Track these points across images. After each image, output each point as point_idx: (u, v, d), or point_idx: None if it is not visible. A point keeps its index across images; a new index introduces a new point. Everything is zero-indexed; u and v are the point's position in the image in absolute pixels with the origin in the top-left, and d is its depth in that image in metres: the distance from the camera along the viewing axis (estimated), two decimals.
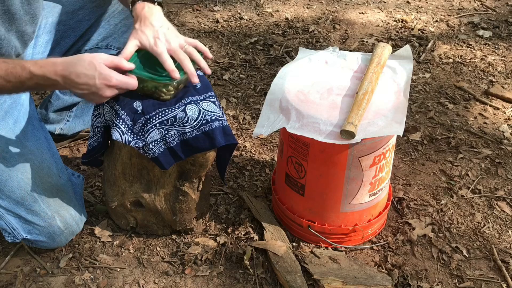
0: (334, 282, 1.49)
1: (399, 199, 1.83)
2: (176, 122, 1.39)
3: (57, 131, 1.94)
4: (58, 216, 1.52)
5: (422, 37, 2.78)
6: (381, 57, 1.60)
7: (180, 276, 1.56)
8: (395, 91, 1.53)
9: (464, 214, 1.79)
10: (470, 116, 2.24)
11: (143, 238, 1.66)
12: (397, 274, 1.56)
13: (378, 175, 1.53)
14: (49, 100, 1.92)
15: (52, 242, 1.54)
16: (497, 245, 1.68)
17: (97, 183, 1.85)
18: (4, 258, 1.59)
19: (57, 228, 1.52)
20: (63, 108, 1.93)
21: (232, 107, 2.25)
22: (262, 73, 2.47)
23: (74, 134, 2.00)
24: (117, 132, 1.39)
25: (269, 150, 2.03)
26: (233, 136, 1.45)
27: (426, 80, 2.46)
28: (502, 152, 2.04)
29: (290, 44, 2.69)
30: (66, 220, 1.54)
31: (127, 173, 1.53)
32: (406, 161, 2.00)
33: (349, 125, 1.36)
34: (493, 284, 1.57)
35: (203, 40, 2.71)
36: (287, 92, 1.51)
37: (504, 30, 2.86)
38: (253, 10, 3.01)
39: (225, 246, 1.63)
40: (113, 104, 1.41)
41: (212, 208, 1.77)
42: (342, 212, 1.57)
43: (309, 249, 1.61)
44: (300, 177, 1.55)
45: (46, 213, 1.49)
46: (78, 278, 1.54)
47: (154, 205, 1.57)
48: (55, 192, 1.52)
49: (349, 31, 2.83)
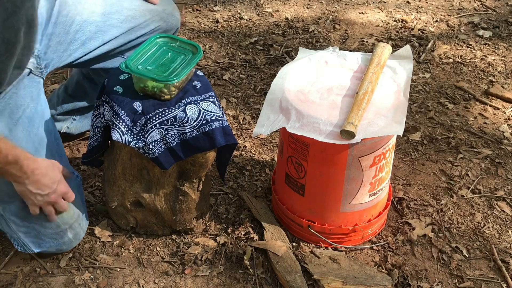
0: (334, 282, 1.49)
1: (399, 199, 1.83)
2: (176, 122, 1.39)
3: (63, 129, 1.92)
4: (69, 229, 1.52)
5: (422, 37, 2.78)
6: (381, 57, 1.60)
7: (180, 276, 1.56)
8: (395, 91, 1.53)
9: (464, 214, 1.79)
10: (470, 116, 2.24)
11: (143, 238, 1.66)
12: (397, 274, 1.56)
13: (378, 175, 1.53)
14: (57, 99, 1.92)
15: (59, 250, 1.56)
16: (497, 245, 1.68)
17: (97, 183, 1.85)
18: (4, 258, 1.59)
19: (67, 239, 1.53)
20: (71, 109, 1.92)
21: (232, 107, 2.25)
22: (262, 73, 2.47)
23: (80, 134, 1.99)
24: (117, 133, 1.39)
25: (269, 150, 2.03)
26: (233, 136, 1.45)
27: (426, 80, 2.46)
28: (502, 152, 2.04)
29: (290, 44, 2.69)
30: (76, 231, 1.55)
31: (127, 173, 1.53)
32: (406, 161, 2.00)
33: (349, 125, 1.36)
34: (493, 284, 1.57)
35: (203, 40, 2.71)
36: (287, 92, 1.51)
37: (504, 30, 2.86)
38: (253, 10, 3.01)
39: (225, 246, 1.63)
40: (112, 104, 1.41)
41: (212, 208, 1.77)
42: (342, 212, 1.57)
43: (309, 249, 1.61)
44: (300, 177, 1.55)
45: (60, 227, 1.49)
46: (78, 278, 1.54)
47: (154, 205, 1.57)
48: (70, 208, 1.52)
49: (349, 31, 2.83)
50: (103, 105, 1.44)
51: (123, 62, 1.40)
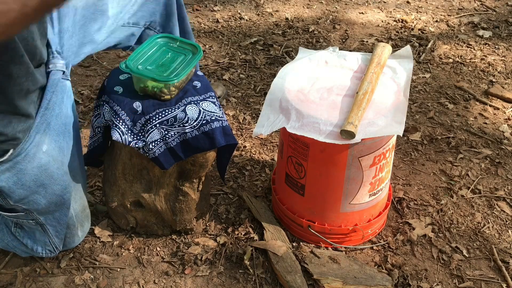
0: (334, 282, 1.49)
1: (399, 199, 1.83)
2: (176, 122, 1.39)
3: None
4: (80, 226, 1.53)
5: (422, 37, 2.78)
6: (381, 57, 1.60)
7: (180, 276, 1.56)
8: (395, 91, 1.53)
9: (464, 214, 1.79)
10: (470, 116, 2.24)
11: (143, 238, 1.66)
12: (397, 274, 1.56)
13: (378, 175, 1.53)
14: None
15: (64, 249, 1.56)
16: (497, 245, 1.68)
17: (97, 183, 1.85)
18: (4, 258, 1.59)
19: (76, 237, 1.55)
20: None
21: (232, 107, 2.25)
22: (262, 73, 2.47)
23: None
24: (117, 133, 1.39)
25: (269, 150, 2.03)
26: (233, 136, 1.45)
27: (426, 80, 2.46)
28: (502, 152, 2.04)
29: (290, 44, 2.69)
30: (84, 230, 1.56)
31: (127, 173, 1.53)
32: (406, 161, 2.00)
33: (349, 125, 1.36)
34: (493, 284, 1.57)
35: (203, 40, 2.71)
36: (287, 92, 1.51)
37: (504, 30, 2.86)
38: (253, 10, 3.01)
39: (225, 246, 1.63)
40: (112, 104, 1.41)
41: (212, 208, 1.77)
42: (342, 212, 1.57)
43: (309, 249, 1.61)
44: (300, 177, 1.55)
45: (74, 224, 1.51)
46: (78, 278, 1.54)
47: (154, 205, 1.57)
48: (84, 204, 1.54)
49: (349, 31, 2.83)
50: (103, 105, 1.44)
51: (123, 62, 1.40)
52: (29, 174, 1.31)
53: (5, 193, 1.31)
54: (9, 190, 1.30)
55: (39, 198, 1.36)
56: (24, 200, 1.34)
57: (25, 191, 1.32)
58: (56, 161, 1.37)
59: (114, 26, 1.58)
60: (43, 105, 1.31)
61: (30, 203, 1.36)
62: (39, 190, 1.35)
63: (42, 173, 1.33)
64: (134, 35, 1.67)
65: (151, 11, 1.66)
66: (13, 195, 1.31)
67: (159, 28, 1.71)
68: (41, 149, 1.31)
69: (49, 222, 1.45)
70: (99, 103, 1.47)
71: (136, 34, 1.67)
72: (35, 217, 1.41)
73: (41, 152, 1.31)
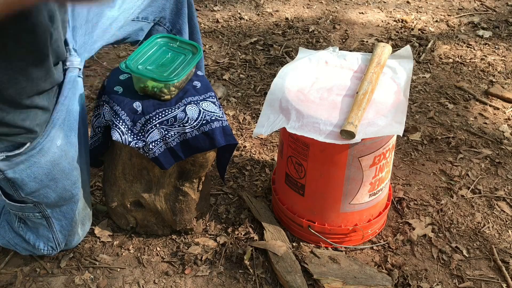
0: (334, 282, 1.49)
1: (399, 199, 1.83)
2: (176, 122, 1.39)
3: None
4: (81, 225, 1.54)
5: (422, 37, 2.78)
6: (381, 57, 1.60)
7: (180, 276, 1.56)
8: (395, 91, 1.53)
9: (464, 214, 1.79)
10: (470, 116, 2.24)
11: (143, 238, 1.66)
12: (397, 274, 1.56)
13: (378, 175, 1.53)
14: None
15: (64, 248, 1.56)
16: (497, 245, 1.68)
17: (97, 183, 1.85)
18: (4, 258, 1.59)
19: (76, 236, 1.55)
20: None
21: (232, 107, 2.25)
22: (262, 73, 2.47)
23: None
24: (117, 133, 1.39)
25: (269, 150, 2.03)
26: (233, 136, 1.45)
27: (426, 80, 2.46)
28: (502, 152, 2.04)
29: (290, 44, 2.69)
30: (84, 229, 1.57)
31: (127, 173, 1.53)
32: (406, 161, 2.00)
33: (349, 125, 1.36)
34: (493, 284, 1.57)
35: (203, 40, 2.71)
36: (287, 92, 1.51)
37: (504, 30, 2.86)
38: (253, 10, 3.01)
39: (225, 246, 1.63)
40: (112, 104, 1.41)
41: (212, 208, 1.77)
42: (342, 212, 1.57)
43: (309, 249, 1.61)
44: (300, 177, 1.55)
45: (76, 221, 1.51)
46: (78, 278, 1.54)
47: (154, 205, 1.57)
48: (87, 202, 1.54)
49: (349, 31, 2.83)
50: (103, 105, 1.44)
51: (123, 62, 1.40)
52: (42, 168, 1.33)
53: (18, 185, 1.33)
54: (22, 182, 1.32)
55: (49, 192, 1.38)
56: (35, 193, 1.36)
57: (37, 184, 1.34)
58: (68, 156, 1.39)
59: (123, 21, 1.59)
60: (59, 101, 1.33)
61: (40, 196, 1.38)
62: (50, 184, 1.37)
63: (54, 167, 1.35)
64: (143, 30, 1.68)
65: (161, 7, 1.68)
66: (25, 187, 1.34)
67: (169, 24, 1.72)
68: (55, 143, 1.34)
69: (55, 216, 1.46)
70: (99, 103, 1.47)
71: (145, 29, 1.69)
72: (42, 209, 1.43)
73: (55, 147, 1.33)
